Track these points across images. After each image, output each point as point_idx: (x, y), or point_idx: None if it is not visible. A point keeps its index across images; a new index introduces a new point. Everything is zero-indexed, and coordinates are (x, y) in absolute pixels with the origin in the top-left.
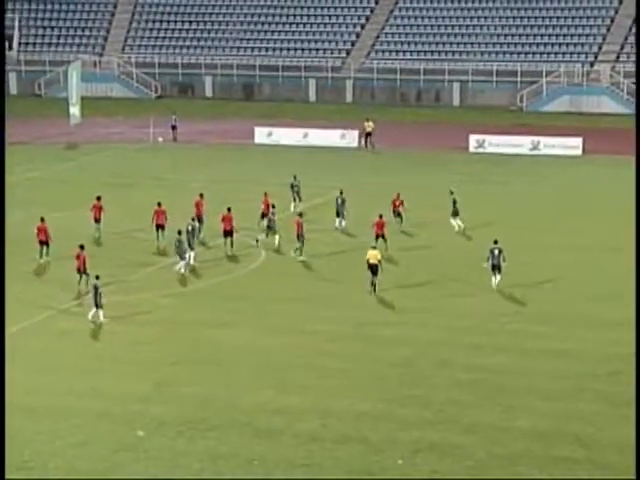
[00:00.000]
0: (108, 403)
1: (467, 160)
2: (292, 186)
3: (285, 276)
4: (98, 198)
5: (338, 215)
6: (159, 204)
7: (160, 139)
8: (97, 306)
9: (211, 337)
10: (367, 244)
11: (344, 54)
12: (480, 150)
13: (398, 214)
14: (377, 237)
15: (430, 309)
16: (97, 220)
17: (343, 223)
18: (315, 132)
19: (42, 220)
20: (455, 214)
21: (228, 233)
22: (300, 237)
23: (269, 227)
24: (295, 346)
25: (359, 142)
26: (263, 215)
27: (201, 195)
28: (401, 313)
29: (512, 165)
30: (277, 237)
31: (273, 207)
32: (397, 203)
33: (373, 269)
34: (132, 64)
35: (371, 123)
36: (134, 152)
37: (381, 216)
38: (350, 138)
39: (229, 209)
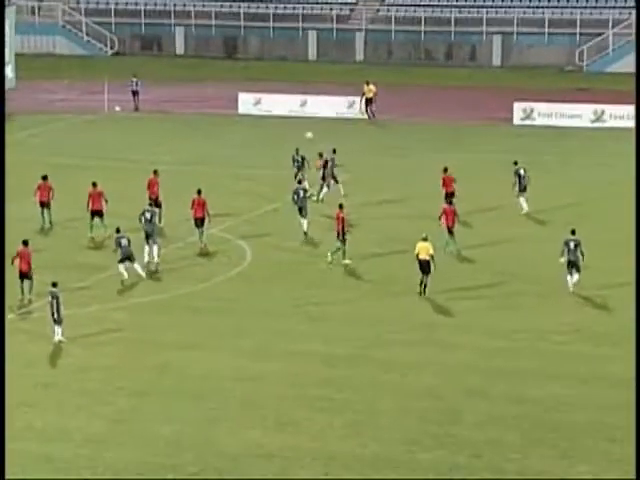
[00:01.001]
0: (50, 446)
1: (510, 135)
2: (324, 166)
3: (275, 282)
4: (44, 177)
5: (330, 180)
6: (94, 184)
7: (117, 108)
8: (56, 321)
9: (181, 361)
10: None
11: (353, 0)
12: (527, 122)
13: (451, 194)
14: (449, 230)
15: (466, 324)
16: (44, 204)
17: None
18: (316, 99)
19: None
20: (522, 190)
21: (200, 221)
22: (341, 235)
23: (300, 208)
24: (287, 373)
25: (360, 110)
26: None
27: (155, 172)
28: (427, 329)
29: (569, 141)
30: (306, 221)
31: (299, 183)
32: (448, 180)
33: (424, 266)
34: (81, 11)
35: (372, 87)
36: (84, 125)
37: (450, 202)
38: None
39: (199, 191)
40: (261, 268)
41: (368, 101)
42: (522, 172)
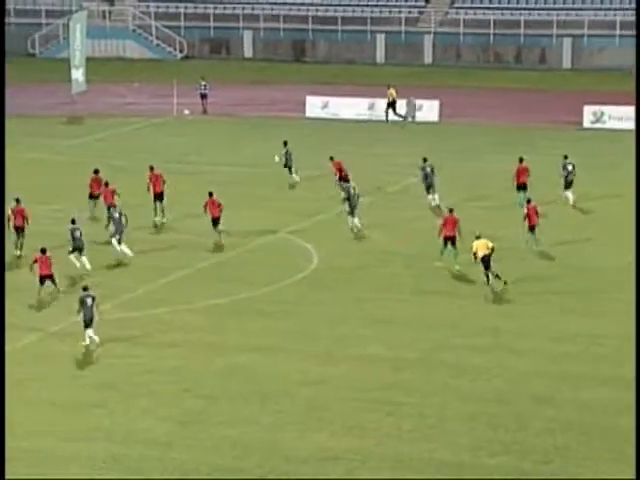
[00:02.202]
0: (118, 446)
1: (580, 138)
2: (425, 175)
3: (341, 286)
4: (96, 172)
5: (429, 190)
6: (106, 184)
7: (186, 111)
8: (87, 325)
9: (248, 364)
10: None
11: (422, 2)
12: (597, 125)
13: (524, 186)
14: (531, 229)
15: (531, 328)
16: (93, 196)
17: (436, 198)
18: (383, 102)
19: (17, 202)
20: (568, 185)
21: (216, 221)
22: (450, 240)
23: (350, 206)
24: (354, 376)
25: (387, 114)
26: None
27: (151, 168)
28: (493, 333)
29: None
30: (356, 220)
31: (346, 181)
32: (522, 171)
33: (486, 261)
34: (151, 15)
35: (392, 91)
36: (153, 128)
37: (529, 201)
38: (429, 109)
39: (211, 194)
40: (327, 271)
41: (390, 105)
42: (570, 167)
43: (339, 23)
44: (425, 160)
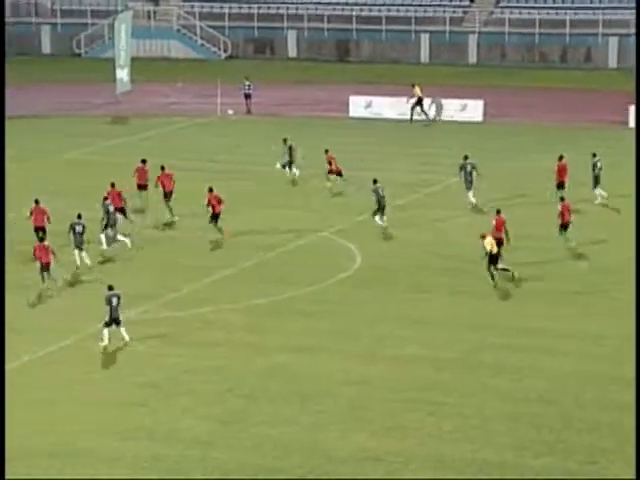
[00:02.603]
0: (160, 445)
1: (625, 137)
2: (466, 173)
3: (384, 286)
4: (143, 161)
5: (469, 188)
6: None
7: (230, 111)
8: (109, 324)
9: (289, 364)
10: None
11: (466, 2)
12: None
13: (562, 185)
14: (564, 227)
15: (569, 329)
16: (141, 187)
17: (470, 195)
18: (427, 102)
19: (37, 203)
20: (597, 183)
21: (217, 216)
22: (503, 241)
23: (379, 206)
24: (394, 377)
25: (413, 112)
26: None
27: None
28: (530, 334)
29: None
30: (378, 219)
31: (375, 182)
32: (562, 169)
33: (496, 258)
34: (195, 15)
35: (418, 89)
36: (196, 128)
37: (563, 198)
38: (473, 109)
39: (211, 189)
40: (370, 272)
41: (417, 102)
42: (599, 164)
43: (383, 23)
44: (466, 157)
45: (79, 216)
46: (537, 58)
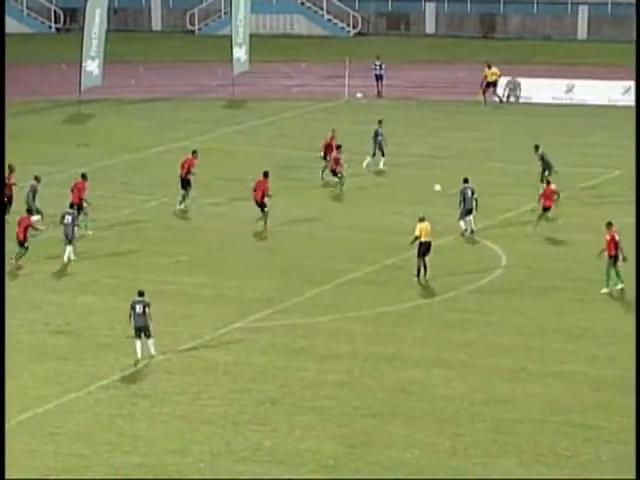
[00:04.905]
0: (280, 468)
1: None
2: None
3: (532, 293)
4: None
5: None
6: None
7: (359, 94)
8: (147, 334)
9: (424, 380)
10: None
11: None
12: None
13: None
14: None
15: None
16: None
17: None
18: (585, 84)
19: (83, 177)
20: None
21: (261, 205)
22: (615, 257)
23: (463, 209)
24: (547, 396)
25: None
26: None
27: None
28: None
29: None
30: (462, 223)
31: (466, 181)
32: None
33: (427, 248)
34: None
35: (495, 69)
36: (321, 113)
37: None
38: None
39: (266, 174)
40: (516, 276)
41: (490, 85)
42: None
43: None
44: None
45: (71, 205)
46: None
